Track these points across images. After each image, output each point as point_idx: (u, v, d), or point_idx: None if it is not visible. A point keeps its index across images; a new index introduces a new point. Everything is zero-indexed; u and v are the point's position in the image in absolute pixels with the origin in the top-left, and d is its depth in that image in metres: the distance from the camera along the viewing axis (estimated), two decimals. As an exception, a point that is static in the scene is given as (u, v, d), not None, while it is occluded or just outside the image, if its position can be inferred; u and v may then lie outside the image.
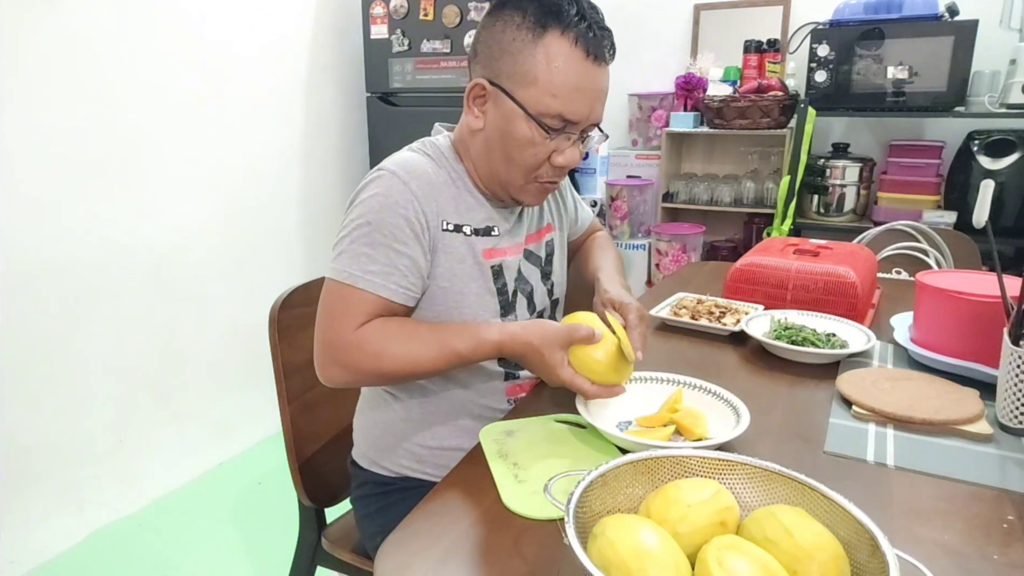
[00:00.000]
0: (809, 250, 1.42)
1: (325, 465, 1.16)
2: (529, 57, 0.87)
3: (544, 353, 0.85)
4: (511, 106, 0.89)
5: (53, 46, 1.74)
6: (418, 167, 0.93)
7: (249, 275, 2.38)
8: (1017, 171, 2.11)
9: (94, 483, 1.94)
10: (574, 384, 0.85)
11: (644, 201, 2.73)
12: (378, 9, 2.56)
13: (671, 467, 0.64)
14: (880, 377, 1.01)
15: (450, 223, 0.94)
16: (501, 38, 0.89)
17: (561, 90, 0.87)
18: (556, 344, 0.85)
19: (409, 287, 0.91)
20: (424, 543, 0.68)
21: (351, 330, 0.87)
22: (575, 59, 0.87)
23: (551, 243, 1.11)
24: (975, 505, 0.73)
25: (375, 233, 0.88)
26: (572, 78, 0.87)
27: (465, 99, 0.94)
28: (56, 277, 1.80)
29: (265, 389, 1.22)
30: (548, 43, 0.86)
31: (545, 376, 0.88)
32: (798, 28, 2.46)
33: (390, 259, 0.88)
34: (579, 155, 0.94)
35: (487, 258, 0.98)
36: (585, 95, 0.88)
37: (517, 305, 1.02)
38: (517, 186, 0.95)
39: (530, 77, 0.87)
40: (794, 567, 0.52)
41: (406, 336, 0.88)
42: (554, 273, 1.11)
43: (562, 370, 0.85)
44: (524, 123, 0.89)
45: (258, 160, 2.39)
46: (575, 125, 0.90)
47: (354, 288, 0.87)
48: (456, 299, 0.95)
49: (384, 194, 0.89)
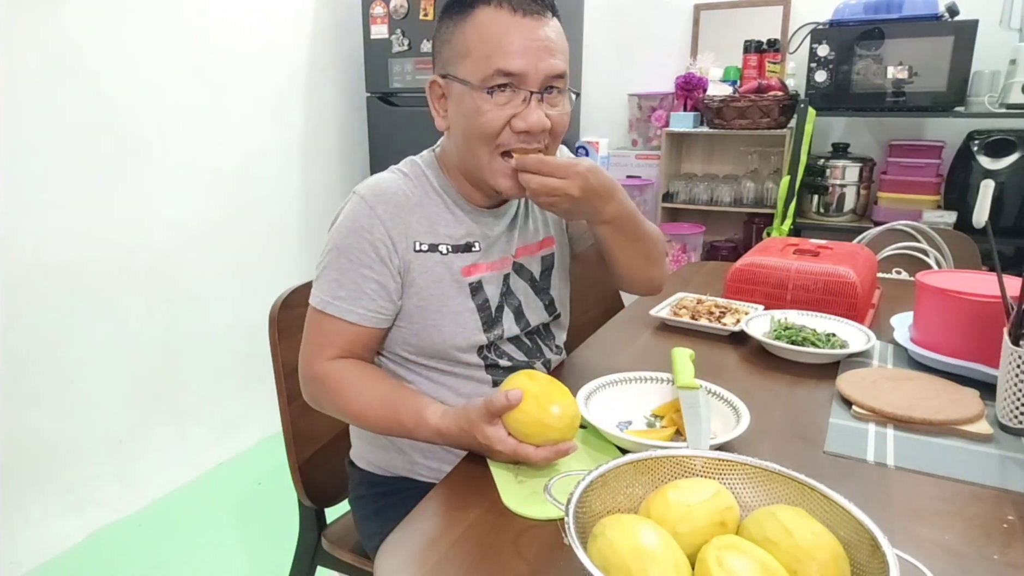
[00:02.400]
0: (809, 250, 1.42)
1: (325, 465, 1.16)
2: (461, 35, 0.89)
3: (476, 436, 0.79)
4: (459, 88, 0.89)
5: (54, 47, 1.73)
6: (388, 190, 0.94)
7: (249, 275, 2.38)
8: (1017, 171, 2.11)
9: (94, 483, 1.94)
10: (518, 454, 0.77)
11: (644, 201, 2.74)
12: (378, 9, 2.56)
13: (671, 467, 0.64)
14: (880, 377, 1.01)
15: (424, 243, 0.95)
16: (440, 35, 0.93)
17: (492, 48, 0.86)
18: (479, 421, 0.78)
19: (378, 310, 0.93)
20: (424, 543, 0.68)
21: (320, 362, 0.92)
22: (501, 18, 0.87)
23: (549, 257, 1.08)
24: (975, 505, 0.73)
25: (342, 258, 0.92)
26: (499, 32, 0.86)
27: (430, 105, 0.96)
28: (56, 277, 1.80)
29: (265, 389, 1.22)
30: (474, 16, 0.88)
31: (490, 455, 0.82)
32: (798, 28, 2.47)
33: (357, 284, 0.91)
34: (542, 118, 0.88)
35: (465, 275, 0.97)
36: (520, 46, 0.86)
37: (504, 319, 1.00)
38: (487, 168, 0.91)
39: (464, 51, 0.88)
40: (794, 567, 0.52)
41: (363, 387, 0.91)
42: (553, 288, 1.08)
43: (502, 445, 0.77)
44: (471, 96, 0.88)
45: (258, 160, 2.39)
46: (522, 79, 0.87)
47: (325, 315, 0.92)
48: (433, 317, 0.96)
49: (351, 219, 0.92)
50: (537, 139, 0.90)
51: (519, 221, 1.04)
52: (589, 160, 0.92)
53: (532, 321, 1.04)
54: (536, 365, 1.05)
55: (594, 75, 2.95)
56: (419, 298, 0.95)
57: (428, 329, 0.96)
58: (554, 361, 1.10)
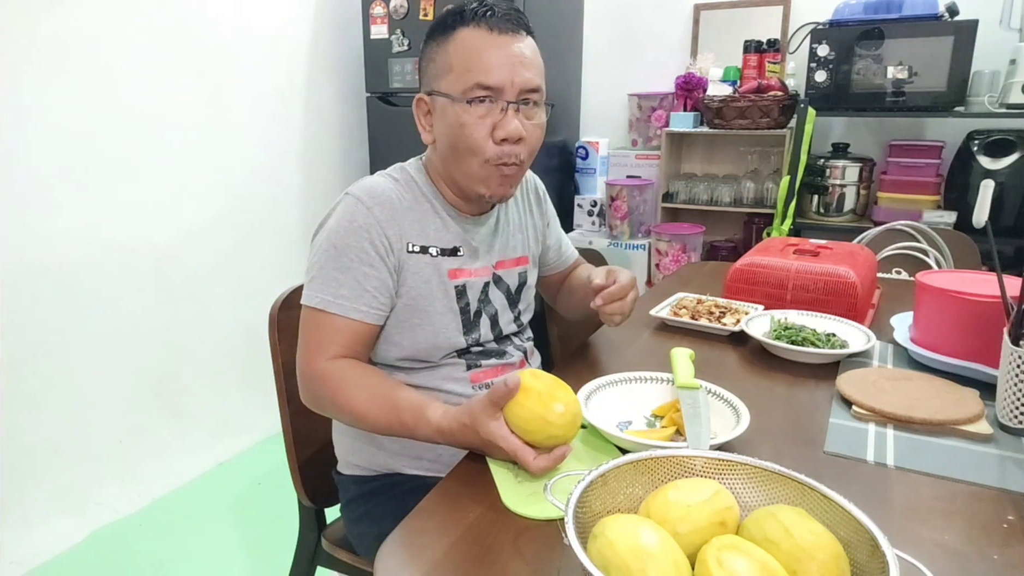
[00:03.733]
0: (809, 250, 1.42)
1: (325, 465, 1.16)
2: (443, 54, 0.95)
3: (478, 430, 0.78)
4: (442, 101, 0.95)
5: (54, 47, 1.74)
6: (382, 192, 0.98)
7: (249, 275, 2.38)
8: (1017, 171, 2.11)
9: (94, 483, 1.94)
10: (518, 457, 0.76)
11: (644, 201, 2.73)
12: (378, 9, 2.56)
13: (671, 467, 0.64)
14: (880, 377, 1.01)
15: (416, 245, 0.98)
16: (426, 55, 0.99)
17: (472, 63, 0.92)
18: (481, 413, 0.78)
19: (379, 307, 0.96)
20: (424, 543, 0.68)
21: (321, 361, 0.92)
22: (479, 36, 0.93)
23: (524, 274, 1.14)
24: (975, 505, 0.73)
25: (342, 257, 0.94)
26: (478, 49, 0.92)
27: (416, 120, 1.01)
28: (56, 277, 1.80)
29: (265, 389, 1.22)
30: (456, 37, 0.94)
31: (491, 453, 0.81)
32: (798, 28, 2.46)
33: (359, 281, 0.93)
34: (519, 127, 0.94)
35: (451, 278, 1.01)
36: (497, 60, 0.92)
37: (480, 325, 1.05)
38: (475, 177, 0.97)
39: (447, 67, 0.94)
40: (794, 567, 0.52)
41: (364, 386, 0.91)
42: (522, 302, 1.14)
43: (504, 442, 0.76)
44: (453, 108, 0.94)
45: (258, 160, 2.39)
46: (500, 91, 0.93)
47: (326, 313, 0.93)
48: (421, 316, 0.99)
49: (349, 219, 0.95)
50: (516, 148, 0.95)
51: (500, 236, 1.09)
52: (627, 272, 1.07)
53: (504, 330, 1.09)
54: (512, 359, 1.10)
55: (594, 75, 2.96)
56: (408, 297, 0.98)
57: (414, 328, 0.99)
58: (528, 349, 1.15)
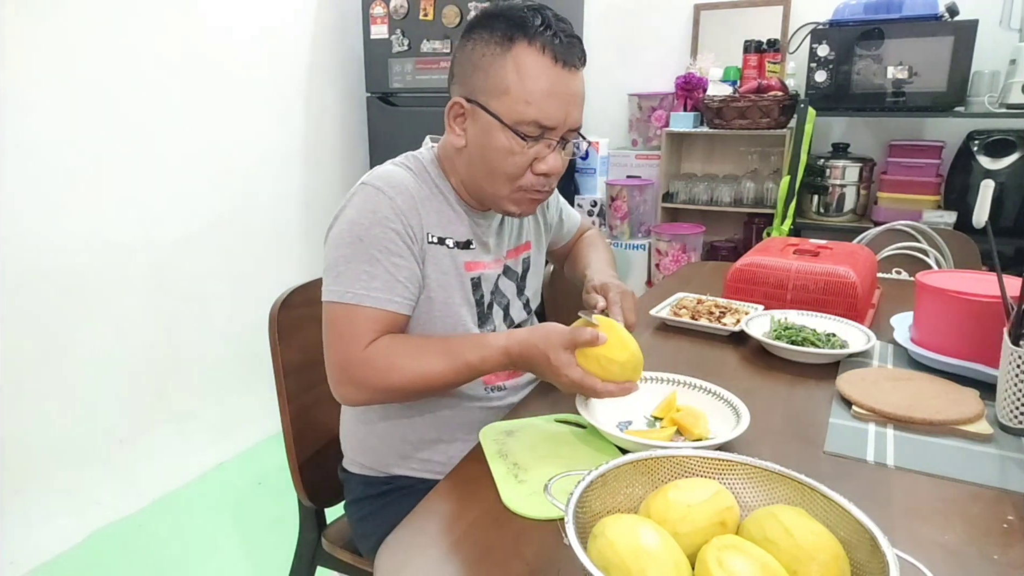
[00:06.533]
0: (809, 250, 1.42)
1: (325, 465, 1.16)
2: (500, 69, 0.89)
3: (549, 355, 0.83)
4: (488, 119, 0.90)
5: (54, 47, 1.73)
6: (401, 182, 0.94)
7: (249, 275, 2.38)
8: (1017, 171, 2.11)
9: (94, 483, 1.94)
10: (584, 385, 0.82)
11: (644, 201, 2.73)
12: (378, 9, 2.56)
13: (671, 467, 0.64)
14: (880, 377, 1.01)
15: (435, 235, 0.97)
16: (472, 56, 0.92)
17: (533, 96, 0.88)
18: (560, 346, 0.83)
19: (411, 297, 0.94)
20: (424, 543, 0.68)
21: (360, 348, 0.88)
22: (544, 65, 0.89)
23: (528, 260, 1.13)
24: (975, 505, 0.73)
25: (370, 249, 0.90)
26: (542, 83, 0.88)
27: (446, 118, 0.96)
28: (56, 277, 1.80)
29: (265, 389, 1.22)
30: (516, 54, 0.89)
31: (554, 380, 0.86)
32: (798, 28, 2.46)
33: (390, 273, 0.91)
34: (561, 162, 0.94)
35: (467, 270, 1.01)
36: (557, 99, 0.89)
37: (493, 316, 1.05)
38: (503, 197, 0.95)
39: (502, 87, 0.89)
40: (794, 567, 0.52)
41: (415, 350, 0.90)
42: (528, 288, 1.13)
43: (570, 371, 0.83)
44: (501, 133, 0.90)
45: (258, 160, 2.39)
46: (552, 131, 0.91)
47: (359, 307, 0.89)
48: (441, 308, 0.98)
49: (372, 210, 0.91)
50: (551, 179, 0.96)
51: (505, 227, 1.08)
52: (616, 286, 1.04)
53: (515, 319, 1.09)
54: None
55: (594, 75, 2.94)
56: (430, 289, 0.97)
57: (433, 320, 0.97)
58: None
